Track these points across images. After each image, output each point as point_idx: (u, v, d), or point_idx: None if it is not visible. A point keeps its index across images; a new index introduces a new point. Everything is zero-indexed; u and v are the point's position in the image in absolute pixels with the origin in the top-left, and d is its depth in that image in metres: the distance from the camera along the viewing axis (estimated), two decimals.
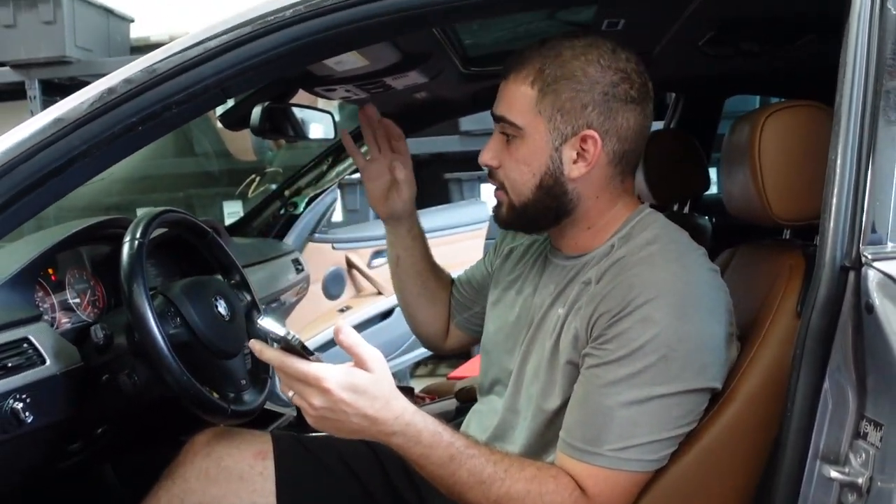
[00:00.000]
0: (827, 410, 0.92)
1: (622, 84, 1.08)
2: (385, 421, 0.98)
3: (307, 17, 1.02)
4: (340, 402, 0.96)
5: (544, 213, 1.14)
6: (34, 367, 1.14)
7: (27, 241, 1.34)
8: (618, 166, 1.12)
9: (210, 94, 1.05)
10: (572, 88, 1.07)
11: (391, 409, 0.98)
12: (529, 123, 1.10)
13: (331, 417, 0.97)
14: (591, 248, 1.16)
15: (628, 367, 1.03)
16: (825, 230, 0.94)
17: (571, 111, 1.08)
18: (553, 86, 1.08)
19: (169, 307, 1.26)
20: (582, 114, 1.08)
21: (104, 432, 1.35)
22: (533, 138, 1.10)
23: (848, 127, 0.93)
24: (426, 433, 1.01)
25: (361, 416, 0.97)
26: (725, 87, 2.36)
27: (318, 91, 1.67)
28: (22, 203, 1.01)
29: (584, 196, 1.13)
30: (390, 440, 1.00)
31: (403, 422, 0.99)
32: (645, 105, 1.12)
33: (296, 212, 2.42)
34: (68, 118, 1.02)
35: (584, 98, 1.08)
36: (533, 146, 1.10)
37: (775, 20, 1.52)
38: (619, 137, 1.10)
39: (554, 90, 1.08)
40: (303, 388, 0.96)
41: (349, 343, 0.97)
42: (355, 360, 0.98)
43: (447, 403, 1.94)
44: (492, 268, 1.40)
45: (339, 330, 0.96)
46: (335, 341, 0.97)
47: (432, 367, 4.26)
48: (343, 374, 0.96)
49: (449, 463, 1.02)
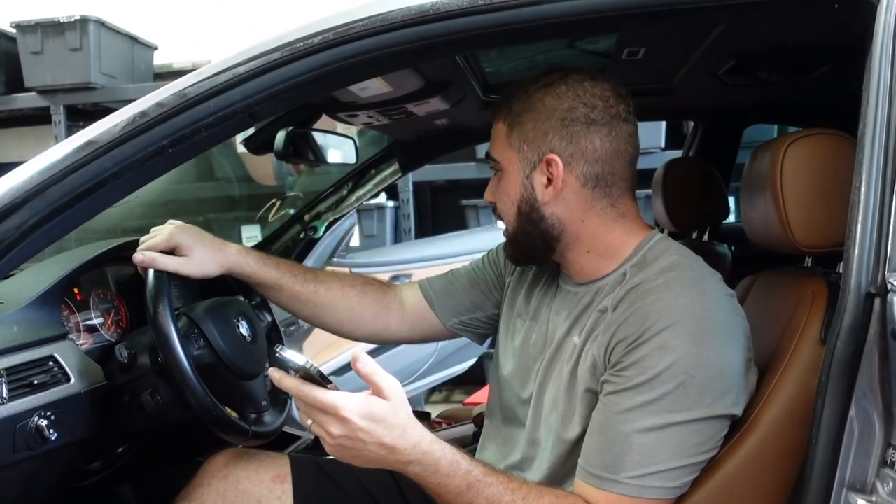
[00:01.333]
0: (853, 438, 0.91)
1: (580, 108, 1.13)
2: (402, 450, 0.98)
3: (335, 43, 1.05)
4: (358, 431, 0.96)
5: (531, 240, 1.19)
6: (59, 384, 1.15)
7: (53, 262, 1.36)
8: (595, 188, 1.14)
9: (238, 118, 1.07)
10: (533, 119, 1.15)
11: (408, 437, 0.98)
12: (504, 157, 1.19)
13: (348, 446, 0.98)
14: (601, 273, 1.16)
15: (646, 394, 1.02)
16: (850, 257, 0.93)
17: (535, 139, 1.15)
18: (518, 119, 1.16)
19: (193, 328, 1.27)
20: (544, 140, 1.14)
21: (124, 451, 1.36)
22: (509, 171, 1.18)
23: (872, 153, 0.94)
24: (444, 461, 1.00)
25: (379, 445, 0.97)
26: (745, 115, 2.37)
27: (341, 116, 1.70)
28: (54, 223, 1.03)
29: (568, 220, 1.16)
30: (407, 469, 1.00)
31: (421, 450, 0.99)
32: (613, 126, 1.14)
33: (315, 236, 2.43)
34: (101, 140, 1.04)
35: (543, 126, 1.14)
36: (510, 177, 1.18)
37: (795, 50, 1.53)
38: (587, 159, 1.13)
39: (519, 123, 1.16)
40: (321, 416, 0.97)
41: (366, 372, 0.97)
42: (373, 389, 0.98)
43: (465, 428, 1.93)
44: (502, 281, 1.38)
45: (357, 358, 0.97)
46: (352, 369, 0.97)
47: (447, 394, 4.25)
48: (361, 402, 0.96)
49: (467, 491, 1.01)
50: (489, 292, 1.40)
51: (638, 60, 1.57)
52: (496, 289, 1.40)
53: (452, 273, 1.45)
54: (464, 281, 1.43)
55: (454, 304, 1.42)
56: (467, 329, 1.43)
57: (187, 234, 1.29)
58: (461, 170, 4.03)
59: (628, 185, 1.17)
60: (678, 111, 2.51)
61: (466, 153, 3.89)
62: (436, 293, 1.43)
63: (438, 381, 3.34)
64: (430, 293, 1.43)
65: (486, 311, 1.41)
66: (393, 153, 2.17)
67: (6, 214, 1.01)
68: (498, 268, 1.40)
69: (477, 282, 1.42)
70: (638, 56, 1.55)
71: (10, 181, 1.04)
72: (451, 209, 4.33)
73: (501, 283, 1.39)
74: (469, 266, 1.45)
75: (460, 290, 1.42)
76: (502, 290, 1.38)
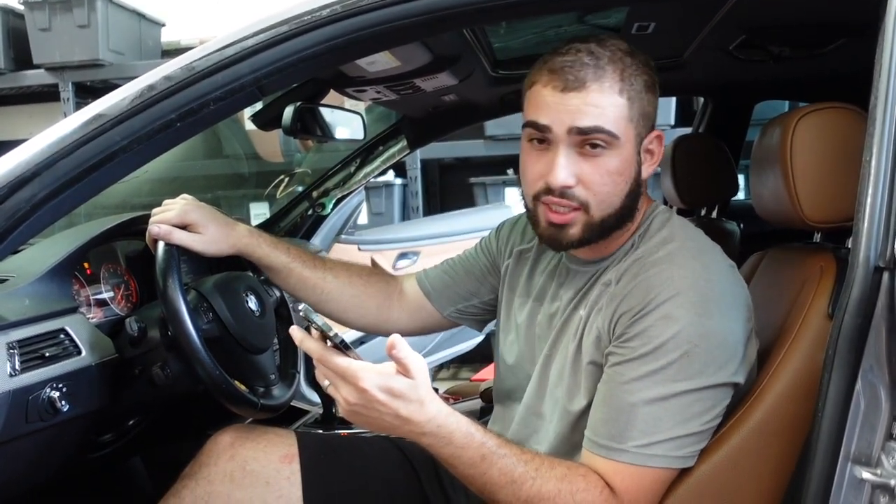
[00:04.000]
0: (859, 412, 0.91)
1: (653, 75, 1.13)
2: (418, 422, 0.99)
3: (343, 16, 1.04)
4: (375, 402, 0.97)
5: (621, 220, 1.13)
6: (70, 357, 1.16)
7: (63, 236, 1.37)
8: None
9: (246, 91, 1.07)
10: (644, 90, 1.11)
11: (425, 411, 0.99)
12: (624, 132, 1.09)
13: (363, 413, 0.98)
14: (612, 249, 1.17)
15: (651, 363, 1.03)
16: (859, 231, 0.93)
17: (648, 115, 1.13)
18: (638, 93, 1.10)
19: (202, 302, 1.28)
20: (653, 116, 1.14)
21: (135, 424, 1.38)
22: (626, 147, 1.10)
23: (883, 128, 0.93)
24: (458, 433, 1.01)
25: (394, 416, 0.98)
26: (755, 92, 2.35)
27: (349, 92, 1.69)
28: (63, 197, 1.03)
29: (640, 195, 1.16)
30: (421, 440, 1.01)
31: (436, 424, 1.00)
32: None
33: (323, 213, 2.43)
34: (109, 114, 1.04)
35: (654, 101, 1.13)
36: (626, 154, 1.10)
37: (806, 24, 1.52)
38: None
39: (639, 97, 1.10)
40: (340, 382, 0.98)
41: (400, 356, 0.97)
42: (400, 368, 0.98)
43: (472, 404, 1.94)
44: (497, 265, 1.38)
45: (394, 345, 0.96)
46: (387, 354, 0.97)
47: (454, 371, 4.27)
48: (381, 376, 0.97)
49: (480, 463, 1.02)
50: (484, 278, 1.41)
51: (648, 35, 1.55)
52: (491, 274, 1.40)
53: (448, 262, 1.46)
54: (458, 270, 1.44)
55: (450, 294, 1.43)
56: (465, 317, 1.44)
57: (200, 212, 1.29)
58: (469, 147, 4.02)
59: None
60: (688, 87, 2.49)
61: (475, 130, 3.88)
62: (432, 284, 1.44)
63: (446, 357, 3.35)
64: (426, 285, 1.44)
65: (481, 298, 1.42)
66: (401, 130, 2.17)
67: (16, 188, 1.02)
68: (491, 254, 1.41)
69: (471, 269, 1.42)
70: (648, 31, 1.54)
71: (20, 155, 1.04)
72: (459, 187, 4.32)
73: (496, 268, 1.39)
74: (463, 254, 1.46)
75: (455, 279, 1.43)
76: (498, 276, 1.38)
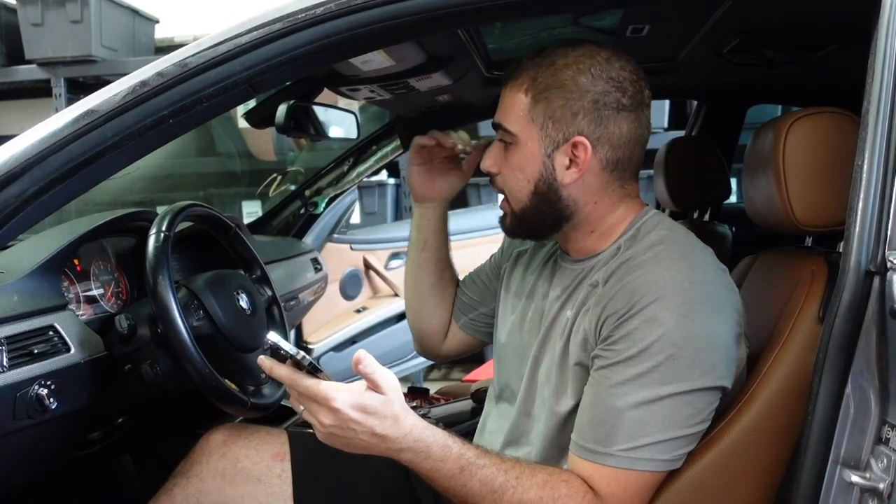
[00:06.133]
0: (849, 416, 0.92)
1: (613, 93, 1.10)
2: (394, 438, 0.99)
3: (338, 14, 1.04)
4: (349, 422, 0.97)
5: (542, 219, 1.16)
6: (59, 354, 1.16)
7: (53, 232, 1.36)
8: (613, 172, 1.14)
9: (239, 89, 1.06)
10: (563, 97, 1.10)
11: (400, 426, 0.99)
12: (523, 131, 1.13)
13: (339, 435, 0.99)
14: (598, 250, 1.17)
15: (636, 367, 1.03)
16: (850, 235, 0.93)
17: (562, 119, 1.10)
18: (545, 94, 1.10)
19: (192, 300, 1.27)
20: (573, 121, 1.10)
21: (124, 422, 1.37)
22: (526, 145, 1.13)
23: (875, 132, 0.93)
24: (435, 447, 1.01)
25: (370, 434, 0.98)
26: (748, 95, 2.35)
27: (343, 90, 1.69)
28: (53, 192, 1.03)
29: (582, 201, 1.14)
30: (400, 456, 1.02)
31: (412, 438, 1.00)
32: (639, 112, 1.13)
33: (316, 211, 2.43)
34: (101, 110, 1.03)
35: (573, 106, 1.10)
36: (527, 153, 1.13)
37: (800, 29, 1.52)
38: (612, 145, 1.12)
39: (546, 98, 1.10)
40: (312, 405, 0.98)
41: (367, 371, 0.98)
42: (369, 384, 0.99)
43: (463, 404, 1.94)
44: (500, 270, 1.40)
45: (360, 360, 0.97)
46: (354, 370, 0.98)
47: (446, 371, 4.26)
48: (352, 394, 0.97)
49: (460, 475, 1.03)
50: (486, 286, 1.43)
51: (642, 38, 1.56)
52: (494, 281, 1.41)
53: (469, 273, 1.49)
54: (468, 279, 1.47)
55: (460, 304, 1.45)
56: (475, 327, 1.45)
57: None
58: None
59: (638, 167, 1.17)
60: (682, 90, 2.50)
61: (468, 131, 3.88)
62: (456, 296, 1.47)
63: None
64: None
65: (487, 305, 1.42)
66: (394, 129, 2.17)
67: (6, 183, 1.01)
68: (496, 261, 1.42)
69: (477, 277, 1.45)
70: (642, 33, 1.54)
71: (9, 150, 1.03)
72: None
73: (497, 271, 1.40)
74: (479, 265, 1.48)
75: (465, 288, 1.46)
76: (499, 280, 1.39)
